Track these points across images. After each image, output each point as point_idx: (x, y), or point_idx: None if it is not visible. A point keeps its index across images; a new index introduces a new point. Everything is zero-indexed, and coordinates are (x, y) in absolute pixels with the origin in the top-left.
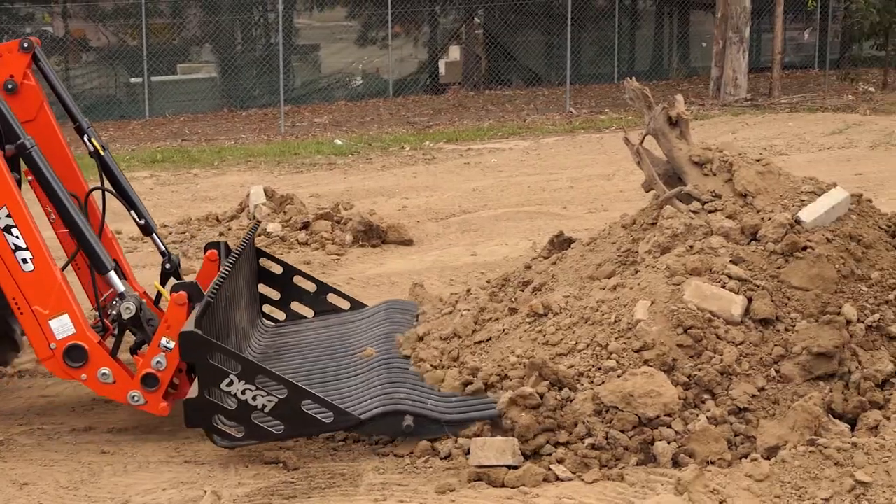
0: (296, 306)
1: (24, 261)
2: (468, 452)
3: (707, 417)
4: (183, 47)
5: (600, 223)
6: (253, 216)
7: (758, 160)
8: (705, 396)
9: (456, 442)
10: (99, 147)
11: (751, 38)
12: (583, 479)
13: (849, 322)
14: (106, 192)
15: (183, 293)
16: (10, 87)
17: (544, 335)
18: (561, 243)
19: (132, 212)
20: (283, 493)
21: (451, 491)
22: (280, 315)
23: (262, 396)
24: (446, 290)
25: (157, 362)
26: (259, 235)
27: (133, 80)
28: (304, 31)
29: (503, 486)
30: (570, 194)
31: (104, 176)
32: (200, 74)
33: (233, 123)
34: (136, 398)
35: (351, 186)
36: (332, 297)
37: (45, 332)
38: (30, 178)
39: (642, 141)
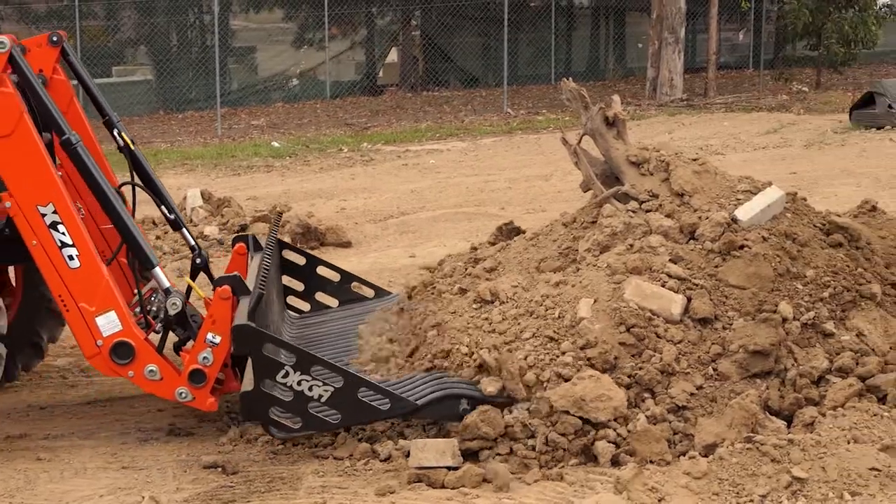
0: (320, 296)
1: (71, 257)
2: (408, 454)
3: (647, 416)
4: (118, 50)
5: (539, 224)
6: (190, 219)
7: (694, 160)
8: (646, 395)
9: (396, 444)
10: (129, 141)
11: (686, 38)
12: (523, 480)
13: (785, 320)
14: (136, 188)
15: (227, 287)
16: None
17: (490, 322)
18: (509, 232)
19: (162, 206)
20: (223, 497)
21: (391, 493)
22: (305, 306)
23: (318, 386)
24: None
25: (204, 358)
26: (197, 238)
27: None
28: (241, 32)
29: (443, 487)
30: (508, 195)
31: (134, 171)
32: (136, 77)
33: (169, 126)
34: (183, 395)
35: (289, 189)
36: (356, 286)
37: (91, 329)
38: (60, 172)
39: (580, 141)
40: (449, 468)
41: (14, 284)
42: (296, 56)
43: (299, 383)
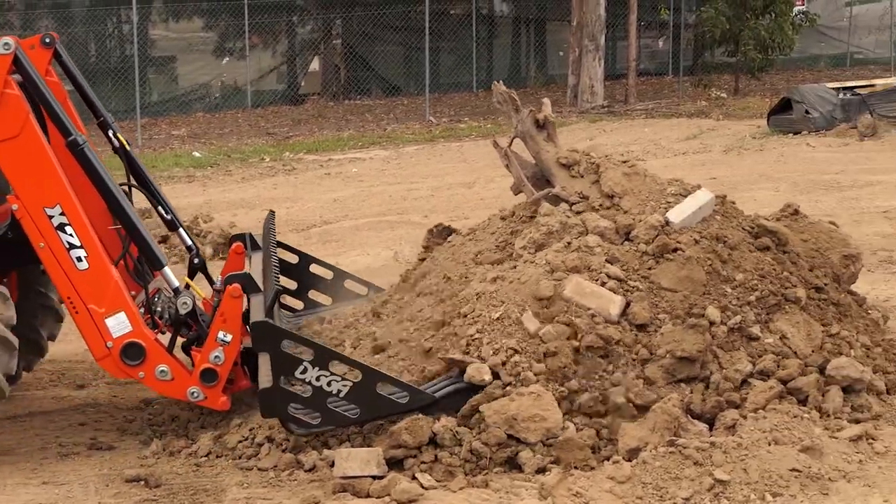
0: (313, 294)
1: (79, 259)
2: (333, 464)
3: (574, 423)
4: None
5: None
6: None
7: (624, 162)
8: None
9: (321, 454)
10: (124, 143)
11: (606, 46)
12: (448, 488)
13: (712, 324)
14: (132, 189)
15: (237, 285)
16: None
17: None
18: (440, 232)
19: (159, 207)
20: None
21: (316, 503)
22: (298, 305)
23: (337, 382)
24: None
25: (216, 357)
26: None
27: None
28: (160, 42)
29: (368, 496)
30: (431, 203)
31: (130, 172)
32: None
33: (87, 136)
34: (195, 394)
35: (210, 199)
36: (349, 284)
37: (101, 330)
38: None
39: (510, 144)
40: (374, 477)
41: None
42: (216, 65)
43: (318, 379)
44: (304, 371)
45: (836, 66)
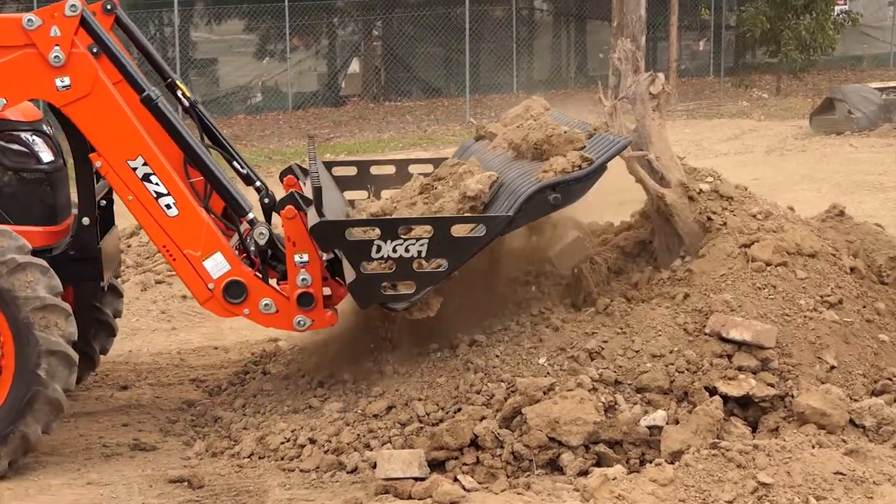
0: (387, 195)
1: (168, 206)
2: (375, 466)
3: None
4: None
5: None
6: None
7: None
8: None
9: (363, 455)
10: (194, 100)
11: (647, 46)
12: (490, 490)
13: None
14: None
15: (290, 206)
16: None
17: None
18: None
19: (234, 162)
20: None
21: None
22: None
23: (413, 244)
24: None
25: (303, 279)
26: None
27: None
28: (202, 44)
29: (410, 497)
30: None
31: (202, 129)
32: None
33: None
34: (301, 322)
35: (252, 201)
36: (414, 168)
37: (200, 274)
38: None
39: (619, 99)
40: (416, 479)
41: None
42: (257, 67)
43: (394, 250)
44: (379, 249)
45: (880, 66)
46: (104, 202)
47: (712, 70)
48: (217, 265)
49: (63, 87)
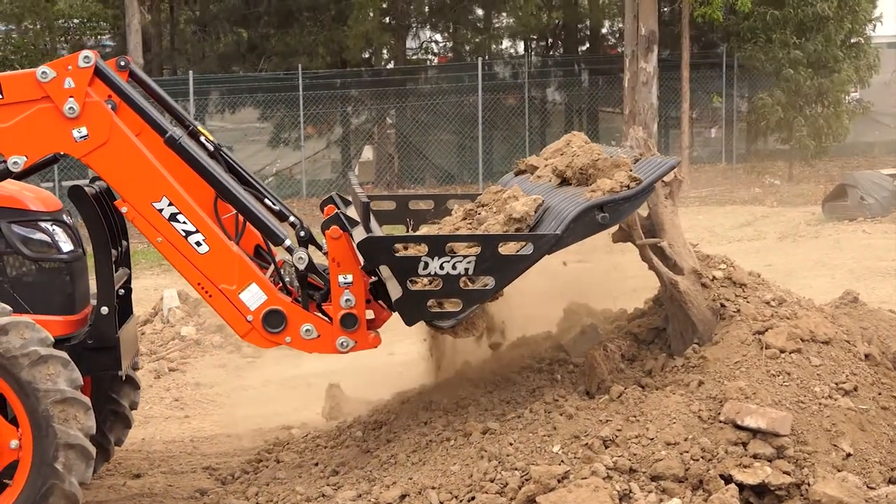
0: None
1: (198, 243)
2: None
3: None
4: None
5: None
6: (167, 319)
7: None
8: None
9: None
10: (217, 144)
11: (659, 134)
12: None
13: None
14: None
15: (335, 227)
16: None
17: None
18: None
19: (266, 199)
20: None
21: None
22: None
23: (461, 262)
24: (364, 392)
25: (346, 300)
26: (173, 339)
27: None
28: (217, 133)
29: None
30: None
31: (230, 172)
32: None
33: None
34: (345, 344)
35: None
36: (451, 203)
37: (238, 307)
38: None
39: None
40: None
41: None
42: (271, 155)
43: (441, 267)
44: (426, 266)
45: (891, 152)
46: (122, 291)
47: (724, 157)
48: (254, 296)
49: (81, 137)
